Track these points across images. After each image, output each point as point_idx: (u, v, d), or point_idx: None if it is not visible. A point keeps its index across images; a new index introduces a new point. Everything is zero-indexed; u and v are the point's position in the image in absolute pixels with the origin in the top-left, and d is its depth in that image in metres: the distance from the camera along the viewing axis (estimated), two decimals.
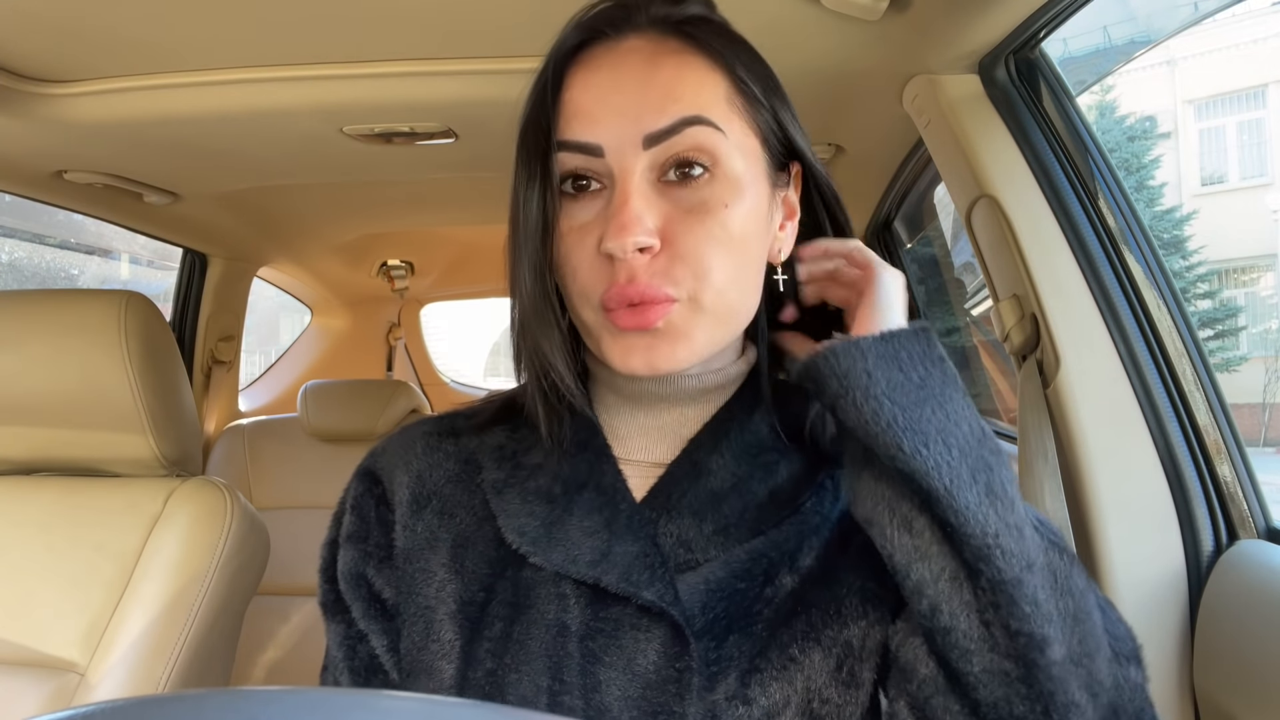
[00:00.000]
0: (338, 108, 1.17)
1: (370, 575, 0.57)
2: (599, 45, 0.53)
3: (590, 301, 0.51)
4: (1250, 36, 9.24)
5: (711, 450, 0.55)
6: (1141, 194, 8.66)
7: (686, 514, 0.53)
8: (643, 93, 0.50)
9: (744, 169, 0.52)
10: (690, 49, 0.52)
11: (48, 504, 1.04)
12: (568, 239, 0.51)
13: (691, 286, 0.50)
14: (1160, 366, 0.90)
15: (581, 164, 0.51)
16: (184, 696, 0.26)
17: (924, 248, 1.84)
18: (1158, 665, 0.86)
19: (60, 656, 0.96)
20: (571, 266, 0.51)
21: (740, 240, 0.51)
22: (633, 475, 0.55)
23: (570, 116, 0.51)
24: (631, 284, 0.49)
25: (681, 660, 0.49)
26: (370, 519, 0.58)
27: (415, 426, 0.62)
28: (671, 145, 0.50)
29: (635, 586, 0.50)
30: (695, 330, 0.50)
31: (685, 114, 0.49)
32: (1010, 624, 0.44)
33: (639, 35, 0.52)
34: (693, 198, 0.50)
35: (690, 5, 0.54)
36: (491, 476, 0.57)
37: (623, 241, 0.48)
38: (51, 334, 1.00)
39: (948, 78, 0.99)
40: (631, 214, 0.48)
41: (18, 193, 1.50)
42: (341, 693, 0.26)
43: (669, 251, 0.49)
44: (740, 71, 0.53)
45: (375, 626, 0.57)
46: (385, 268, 2.59)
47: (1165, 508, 0.88)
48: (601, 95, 0.51)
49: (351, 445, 1.98)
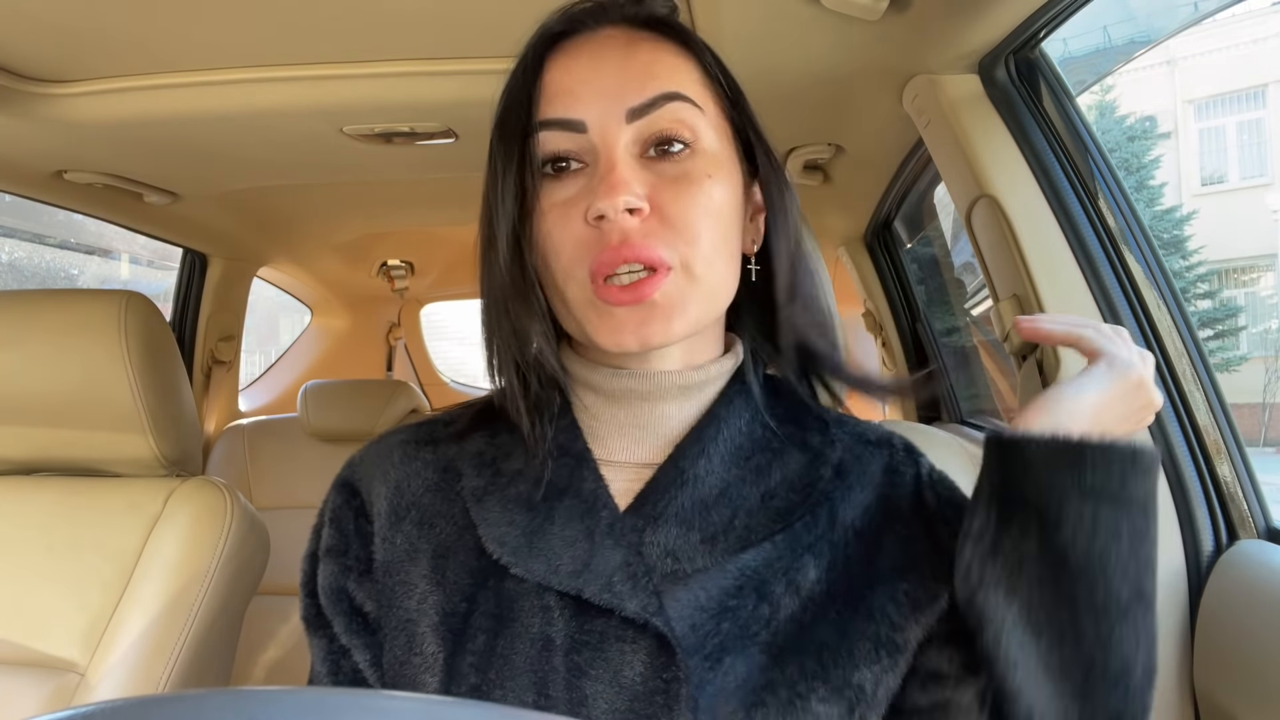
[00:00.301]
0: (338, 108, 1.17)
1: (351, 589, 0.56)
2: (578, 35, 0.54)
3: (576, 276, 0.50)
4: (1250, 36, 9.23)
5: (698, 455, 0.53)
6: (1141, 194, 8.66)
7: (673, 523, 0.51)
8: (623, 71, 0.51)
9: (720, 149, 0.53)
10: (664, 39, 0.54)
11: (48, 504, 1.03)
12: (549, 215, 0.51)
13: (684, 252, 0.50)
14: (1160, 366, 0.90)
15: (564, 142, 0.51)
16: (184, 696, 0.26)
17: (924, 248, 1.84)
18: (1158, 665, 0.86)
19: (60, 656, 0.96)
20: (555, 242, 0.51)
21: (723, 213, 0.52)
22: (615, 478, 0.54)
23: (552, 96, 0.52)
24: (625, 244, 0.48)
25: (669, 671, 0.48)
26: (349, 532, 0.57)
27: (392, 435, 0.61)
28: (653, 121, 0.51)
29: (618, 598, 0.49)
30: (689, 303, 0.50)
31: (665, 89, 0.51)
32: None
33: (615, 26, 0.54)
34: (676, 169, 0.51)
35: (659, 5, 0.56)
36: (471, 484, 0.55)
37: (614, 200, 0.48)
38: (51, 334, 1.00)
39: (948, 78, 0.99)
40: (619, 176, 0.49)
41: (18, 193, 1.50)
42: (341, 693, 0.26)
43: (658, 216, 0.50)
44: (711, 64, 0.55)
45: (358, 641, 0.56)
46: (385, 268, 2.59)
47: (1165, 507, 0.88)
48: (583, 75, 0.52)
49: (351, 445, 1.97)
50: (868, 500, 0.56)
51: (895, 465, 0.58)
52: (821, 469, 0.55)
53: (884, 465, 0.58)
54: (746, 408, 0.56)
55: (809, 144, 1.37)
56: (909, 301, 1.83)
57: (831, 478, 0.55)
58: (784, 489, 0.54)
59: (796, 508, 0.53)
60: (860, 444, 0.59)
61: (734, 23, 0.94)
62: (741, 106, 0.56)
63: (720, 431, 0.54)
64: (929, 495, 0.57)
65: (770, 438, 0.56)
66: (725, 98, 0.55)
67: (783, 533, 0.53)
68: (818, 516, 0.54)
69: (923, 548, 0.55)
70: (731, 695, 0.48)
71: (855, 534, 0.54)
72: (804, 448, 0.56)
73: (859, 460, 0.57)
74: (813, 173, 1.49)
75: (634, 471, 0.55)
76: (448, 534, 0.54)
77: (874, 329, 1.92)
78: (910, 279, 1.81)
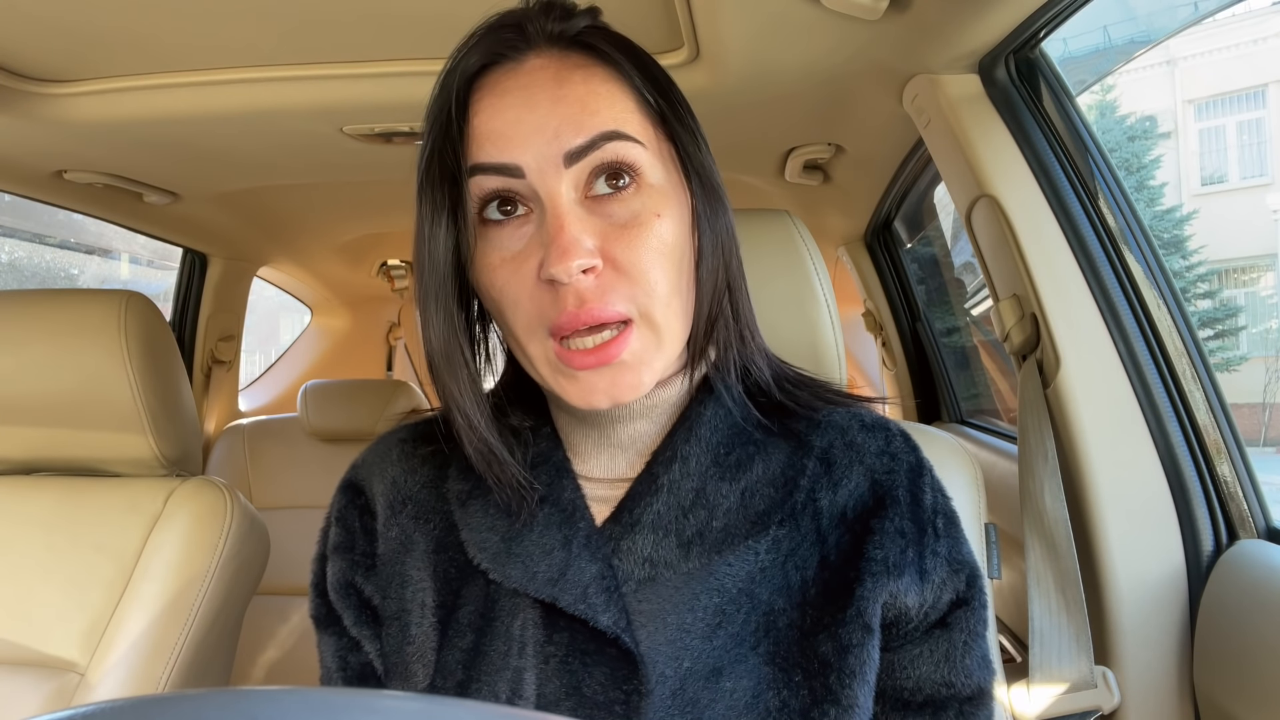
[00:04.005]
0: (338, 108, 1.17)
1: (359, 582, 0.57)
2: (500, 68, 0.51)
3: (537, 334, 0.49)
4: (1250, 36, 9.23)
5: (671, 460, 0.53)
6: (1141, 194, 8.66)
7: (649, 530, 0.52)
8: (557, 110, 0.48)
9: (664, 179, 0.51)
10: (595, 62, 0.51)
11: (48, 504, 1.03)
12: (501, 271, 0.49)
13: (642, 302, 0.49)
14: (1160, 366, 0.90)
15: (501, 185, 0.49)
16: (184, 696, 0.26)
17: (924, 248, 1.84)
18: (1158, 665, 0.86)
19: (60, 656, 0.96)
20: (511, 299, 0.49)
21: (673, 251, 0.50)
22: (595, 492, 0.55)
23: (483, 140, 0.49)
24: (583, 308, 0.47)
25: (630, 683, 0.48)
26: (355, 529, 0.58)
27: (392, 434, 0.62)
28: (592, 160, 0.49)
29: (592, 610, 0.49)
30: (654, 353, 0.50)
31: (603, 128, 0.48)
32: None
33: (539, 54, 0.51)
34: (624, 212, 0.49)
35: (579, 18, 0.52)
36: (456, 487, 0.56)
37: (566, 265, 0.46)
38: (51, 334, 1.00)
39: (948, 78, 0.99)
40: (569, 236, 0.47)
41: (18, 193, 1.50)
42: (341, 692, 0.26)
43: (611, 268, 0.48)
44: (645, 85, 0.52)
45: (367, 633, 0.57)
46: (385, 268, 2.59)
47: (1165, 507, 0.88)
48: (515, 116, 0.49)
49: (351, 445, 1.99)
50: (860, 485, 0.55)
51: (893, 450, 0.57)
52: (805, 459, 0.55)
53: (880, 449, 0.57)
54: (721, 405, 0.55)
55: (809, 144, 1.37)
56: (909, 301, 1.83)
57: (816, 469, 0.55)
58: (764, 484, 0.53)
59: (777, 508, 0.53)
60: (856, 427, 0.57)
61: (734, 23, 0.93)
62: (674, 125, 0.53)
63: (693, 433, 0.54)
64: (928, 496, 0.56)
65: (751, 431, 0.55)
66: (661, 118, 0.52)
67: (764, 535, 0.52)
68: (801, 515, 0.53)
69: (911, 552, 0.54)
70: (743, 714, 0.48)
71: (844, 522, 0.54)
72: (788, 435, 0.56)
73: (851, 446, 0.56)
74: (813, 173, 1.49)
75: (612, 486, 0.55)
76: (441, 529, 0.56)
77: (874, 329, 1.92)
78: (910, 279, 1.81)
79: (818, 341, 0.77)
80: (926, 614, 0.54)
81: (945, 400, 1.80)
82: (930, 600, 0.54)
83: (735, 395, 0.56)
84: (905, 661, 0.54)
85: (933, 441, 0.80)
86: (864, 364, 2.41)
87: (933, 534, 0.55)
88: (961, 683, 0.54)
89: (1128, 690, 0.86)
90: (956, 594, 0.55)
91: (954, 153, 1.01)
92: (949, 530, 0.56)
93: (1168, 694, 0.86)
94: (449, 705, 0.27)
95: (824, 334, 0.77)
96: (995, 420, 1.64)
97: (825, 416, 0.58)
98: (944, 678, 0.54)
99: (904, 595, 0.53)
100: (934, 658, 0.54)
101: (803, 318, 0.77)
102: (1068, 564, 0.86)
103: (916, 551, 0.54)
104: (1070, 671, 0.84)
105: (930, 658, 0.54)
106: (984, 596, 0.56)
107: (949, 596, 0.55)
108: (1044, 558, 0.87)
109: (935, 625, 0.55)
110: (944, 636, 0.55)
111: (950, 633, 0.55)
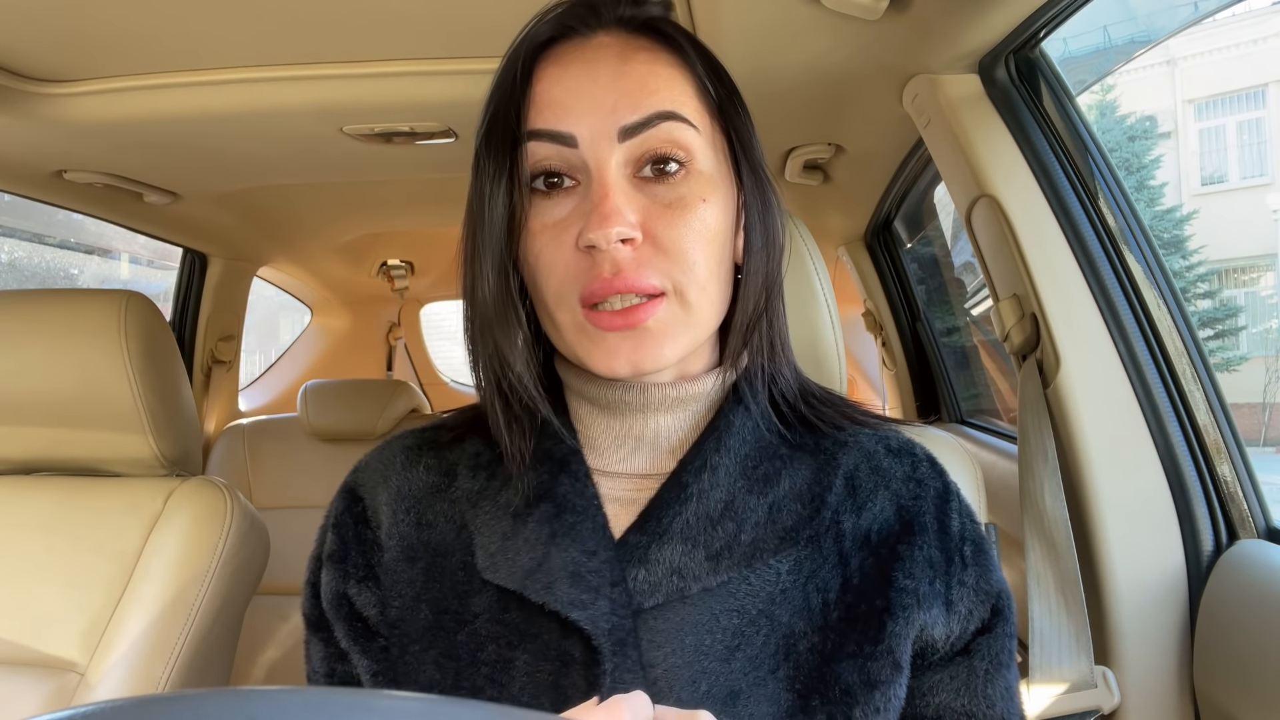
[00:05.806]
0: (338, 108, 1.17)
1: (351, 594, 0.56)
2: (569, 41, 0.52)
3: (567, 301, 0.50)
4: (1250, 36, 9.23)
5: (701, 469, 0.52)
6: (1141, 194, 8.65)
7: (678, 539, 0.50)
8: (617, 85, 0.49)
9: (714, 167, 0.52)
10: (660, 47, 0.52)
11: (48, 504, 1.03)
12: (540, 237, 0.50)
13: (677, 279, 0.49)
14: (1160, 366, 0.90)
15: (554, 155, 0.50)
16: (184, 696, 0.26)
17: (924, 248, 1.84)
18: (1158, 665, 0.86)
19: (60, 656, 0.96)
20: (547, 264, 0.50)
21: (716, 236, 0.51)
22: (614, 488, 0.54)
23: (543, 106, 0.50)
24: (618, 275, 0.48)
25: (592, 670, 0.47)
26: (349, 539, 0.57)
27: (396, 440, 0.61)
28: (646, 139, 0.49)
29: (557, 600, 0.49)
30: (681, 329, 0.50)
31: (660, 108, 0.49)
32: None
33: (608, 33, 0.52)
34: (670, 194, 0.50)
35: (652, 5, 0.54)
36: (466, 487, 0.55)
37: (606, 231, 0.47)
38: (51, 334, 1.00)
39: (948, 77, 0.98)
40: (612, 204, 0.47)
41: (18, 193, 1.50)
42: (341, 692, 0.26)
43: (651, 244, 0.49)
44: (707, 74, 0.53)
45: (356, 647, 0.56)
46: (385, 268, 2.59)
47: (1165, 507, 0.88)
48: (575, 86, 0.50)
49: (351, 445, 1.99)
50: (885, 510, 0.54)
51: (920, 476, 0.56)
52: (832, 478, 0.54)
53: (906, 474, 0.56)
54: (750, 415, 0.54)
55: (809, 144, 1.37)
56: (909, 301, 1.83)
57: (841, 490, 0.54)
58: (791, 500, 0.52)
59: (804, 524, 0.52)
60: (882, 451, 0.57)
61: (734, 22, 0.93)
62: (732, 116, 0.54)
63: (722, 443, 0.53)
64: (955, 522, 0.55)
65: (779, 444, 0.54)
66: (719, 108, 0.53)
67: (790, 553, 0.51)
68: (824, 536, 0.52)
69: (939, 583, 0.53)
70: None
71: (868, 545, 0.53)
72: (816, 452, 0.55)
73: (876, 471, 0.55)
74: (813, 173, 1.49)
75: (632, 482, 0.54)
76: (446, 534, 0.55)
77: (874, 329, 1.92)
78: (910, 279, 1.81)
79: (818, 341, 0.77)
80: (953, 645, 0.54)
81: (945, 400, 1.80)
82: (957, 631, 0.53)
83: (761, 406, 0.55)
84: (925, 688, 0.54)
85: (933, 441, 0.80)
86: (864, 364, 2.41)
87: (960, 563, 0.54)
88: (983, 713, 0.53)
89: (1128, 690, 0.86)
90: (982, 622, 0.54)
91: (954, 153, 1.01)
92: (976, 558, 0.55)
93: (1168, 694, 0.86)
94: (449, 705, 0.27)
95: (824, 334, 0.77)
96: (995, 420, 1.64)
97: (850, 437, 0.57)
98: (964, 707, 0.53)
99: (932, 628, 0.52)
100: (954, 685, 0.53)
101: (803, 318, 0.77)
102: (1068, 564, 0.86)
103: (944, 583, 0.53)
104: (1070, 671, 0.84)
105: (950, 684, 0.53)
106: (1009, 625, 0.55)
107: (974, 626, 0.54)
108: (1044, 557, 0.87)
109: (959, 653, 0.54)
110: (965, 664, 0.54)
111: (971, 660, 0.54)
